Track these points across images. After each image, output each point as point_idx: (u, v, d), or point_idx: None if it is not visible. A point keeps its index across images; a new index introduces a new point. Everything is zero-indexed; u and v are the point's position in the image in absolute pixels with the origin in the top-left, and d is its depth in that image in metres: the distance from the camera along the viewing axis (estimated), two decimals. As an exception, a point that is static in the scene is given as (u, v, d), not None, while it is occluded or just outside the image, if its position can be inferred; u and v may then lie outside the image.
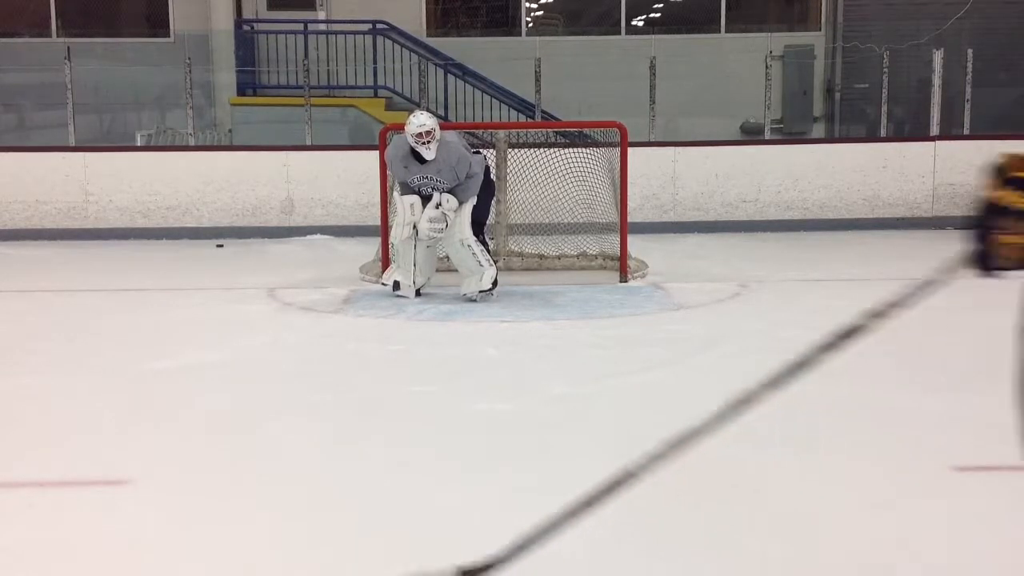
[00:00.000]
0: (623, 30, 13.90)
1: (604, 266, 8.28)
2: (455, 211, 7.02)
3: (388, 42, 12.91)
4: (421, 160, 6.95)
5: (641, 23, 14.31)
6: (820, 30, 14.01)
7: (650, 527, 3.46)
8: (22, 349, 6.00)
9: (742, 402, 2.94)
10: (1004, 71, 13.18)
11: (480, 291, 7.11)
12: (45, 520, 3.54)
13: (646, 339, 6.15)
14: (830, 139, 13.04)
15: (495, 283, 7.17)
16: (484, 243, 7.30)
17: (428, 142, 6.86)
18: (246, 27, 13.46)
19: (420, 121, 6.87)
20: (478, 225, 7.24)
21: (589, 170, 8.32)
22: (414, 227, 7.07)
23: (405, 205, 7.06)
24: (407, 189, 7.13)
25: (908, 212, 10.66)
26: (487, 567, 2.96)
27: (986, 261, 2.31)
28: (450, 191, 7.02)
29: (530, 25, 14.23)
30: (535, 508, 3.61)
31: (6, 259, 9.27)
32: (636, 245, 8.42)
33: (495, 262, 7.41)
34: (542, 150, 8.57)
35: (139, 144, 11.41)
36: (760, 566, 3.18)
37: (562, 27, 14.48)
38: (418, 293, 7.30)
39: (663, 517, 3.54)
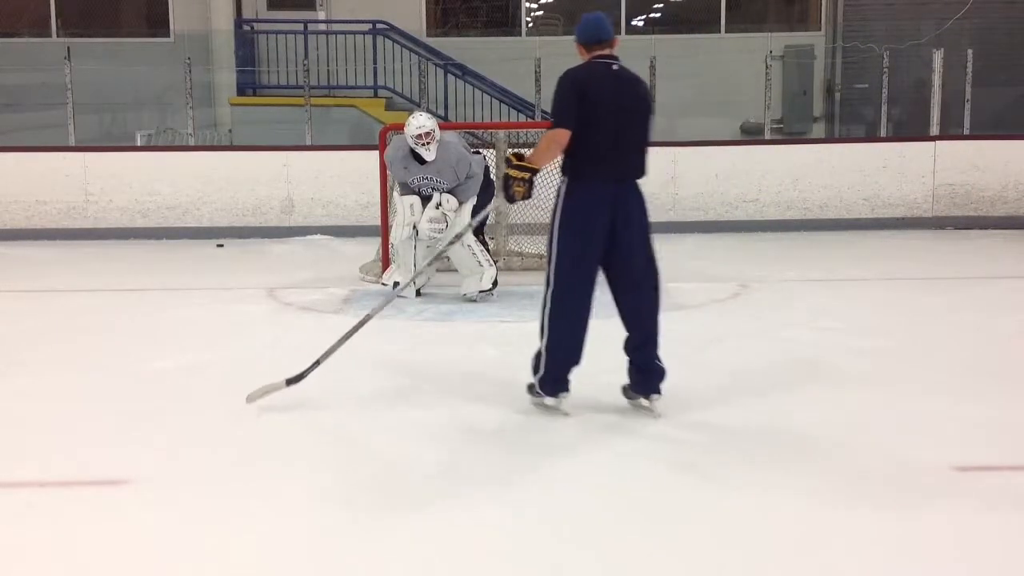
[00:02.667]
0: (623, 30, 13.89)
1: (604, 266, 8.26)
2: (455, 211, 7.02)
3: (388, 42, 12.92)
4: (421, 161, 6.96)
5: (641, 23, 14.31)
6: (820, 30, 14.01)
7: (653, 527, 3.46)
8: (22, 349, 6.00)
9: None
10: (1004, 71, 13.18)
11: (480, 291, 7.11)
12: (45, 520, 3.54)
13: (646, 339, 6.15)
14: (830, 139, 13.05)
15: (495, 283, 7.17)
16: (484, 243, 7.30)
17: (428, 143, 6.86)
18: (246, 27, 13.47)
19: (419, 122, 6.88)
20: (478, 225, 7.24)
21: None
22: (414, 227, 7.08)
23: (405, 205, 7.06)
24: (407, 189, 7.14)
25: (908, 212, 10.66)
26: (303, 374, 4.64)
27: (510, 198, 4.56)
28: (450, 191, 7.03)
29: (530, 25, 14.23)
30: (534, 507, 3.63)
31: (6, 259, 9.27)
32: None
33: (495, 262, 7.41)
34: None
35: (139, 144, 11.41)
36: (759, 565, 3.18)
37: (562, 27, 14.48)
38: (418, 293, 7.30)
39: (664, 517, 3.54)
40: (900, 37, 12.63)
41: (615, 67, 4.58)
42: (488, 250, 7.34)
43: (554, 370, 4.57)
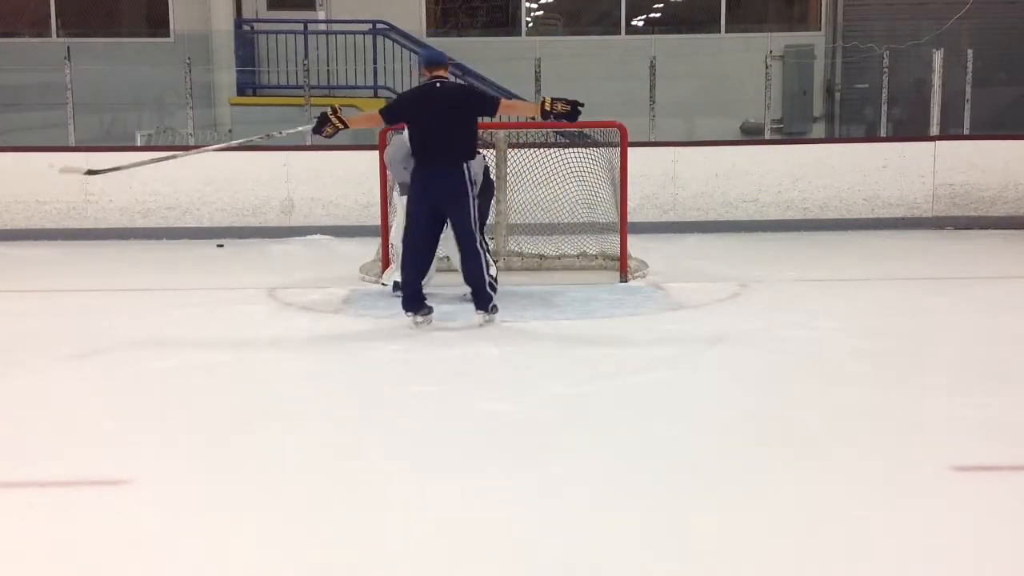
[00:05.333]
0: (623, 30, 13.91)
1: (604, 266, 8.28)
2: None
3: (388, 42, 12.92)
4: None
5: (641, 23, 14.31)
6: (820, 30, 14.02)
7: (655, 527, 3.46)
8: (22, 349, 6.00)
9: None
10: (1004, 71, 13.18)
11: None
12: (45, 520, 3.54)
13: (646, 339, 6.16)
14: (830, 139, 13.05)
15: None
16: (484, 243, 7.28)
17: None
18: (246, 27, 13.47)
19: None
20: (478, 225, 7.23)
21: (589, 170, 8.32)
22: None
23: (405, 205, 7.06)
24: (407, 189, 7.13)
25: (908, 212, 10.66)
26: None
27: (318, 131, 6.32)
28: None
29: (530, 25, 14.23)
30: (535, 507, 3.63)
31: (6, 259, 9.27)
32: (636, 245, 8.42)
33: (495, 262, 7.40)
34: (542, 150, 8.57)
35: (139, 144, 11.40)
36: (760, 566, 3.18)
37: (562, 27, 14.49)
38: (418, 293, 7.31)
39: (664, 517, 3.54)
40: (900, 37, 12.63)
41: (439, 84, 6.30)
42: (488, 250, 7.33)
43: (407, 293, 6.36)
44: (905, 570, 3.16)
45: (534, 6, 14.50)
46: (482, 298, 6.44)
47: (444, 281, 7.52)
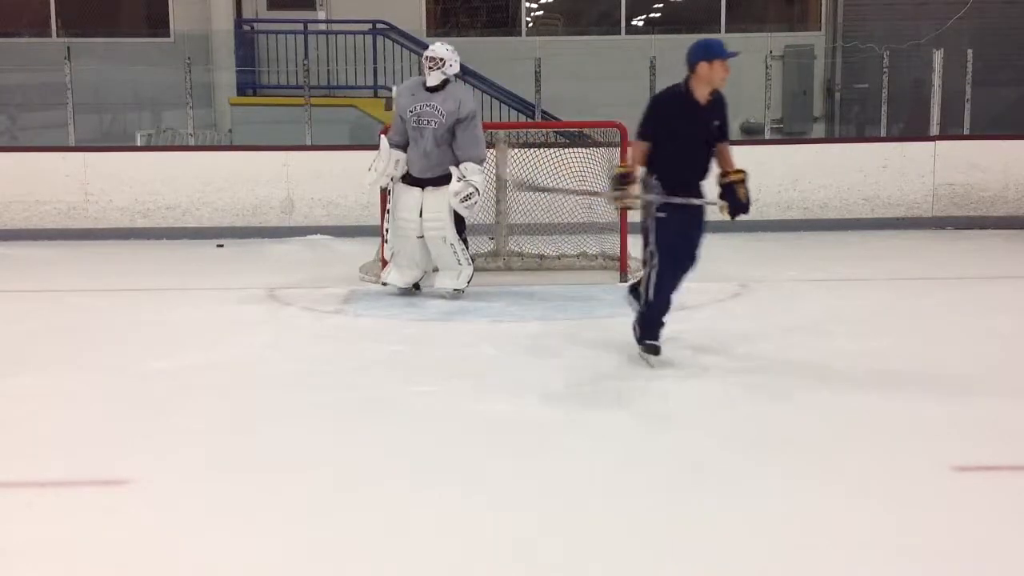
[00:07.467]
0: (623, 30, 13.91)
1: (604, 266, 8.28)
2: (479, 179, 7.03)
3: (388, 42, 12.91)
4: (429, 91, 7.10)
5: (641, 23, 14.31)
6: (820, 30, 14.01)
7: (653, 529, 3.46)
8: (22, 349, 6.00)
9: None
10: (1004, 71, 13.17)
11: (454, 288, 7.14)
12: (45, 520, 3.54)
13: (646, 339, 6.15)
14: (830, 139, 13.04)
15: (468, 283, 7.21)
16: (465, 241, 7.30)
17: (433, 68, 7.07)
18: (246, 27, 13.47)
19: (436, 46, 7.23)
20: (459, 223, 7.24)
21: (589, 170, 8.32)
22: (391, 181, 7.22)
23: (392, 159, 7.11)
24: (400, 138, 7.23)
25: (908, 212, 10.65)
26: None
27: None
28: (452, 147, 7.04)
29: (530, 25, 14.23)
30: (534, 508, 3.63)
31: (6, 259, 9.27)
32: (636, 245, 8.41)
33: (472, 261, 7.39)
34: (542, 150, 8.56)
35: (139, 144, 11.40)
36: (759, 567, 3.18)
37: (562, 27, 14.49)
38: (417, 287, 7.32)
39: (664, 518, 3.54)
40: (900, 37, 12.61)
41: None
42: (468, 249, 7.34)
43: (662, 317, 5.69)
44: (905, 570, 3.16)
45: (534, 6, 14.50)
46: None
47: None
